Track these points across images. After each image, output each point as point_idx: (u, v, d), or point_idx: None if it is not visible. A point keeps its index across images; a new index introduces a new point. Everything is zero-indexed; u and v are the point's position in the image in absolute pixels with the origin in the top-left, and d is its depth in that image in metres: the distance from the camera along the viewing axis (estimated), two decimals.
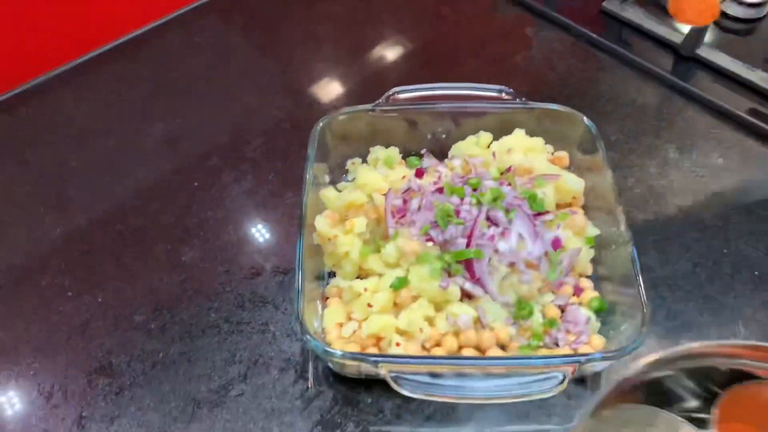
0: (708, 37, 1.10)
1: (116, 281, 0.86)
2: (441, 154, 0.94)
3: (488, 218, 0.79)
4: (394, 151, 0.92)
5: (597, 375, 0.77)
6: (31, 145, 1.02)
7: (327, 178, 0.91)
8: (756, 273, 0.85)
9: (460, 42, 1.18)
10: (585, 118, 0.87)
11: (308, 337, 0.68)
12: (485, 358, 0.73)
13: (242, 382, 0.77)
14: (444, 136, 0.95)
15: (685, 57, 1.11)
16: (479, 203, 0.79)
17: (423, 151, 0.95)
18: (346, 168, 0.94)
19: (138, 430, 0.73)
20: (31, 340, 0.81)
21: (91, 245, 0.90)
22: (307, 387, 0.76)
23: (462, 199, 0.80)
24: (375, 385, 0.76)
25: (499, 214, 0.78)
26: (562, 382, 0.65)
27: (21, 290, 0.85)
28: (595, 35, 1.16)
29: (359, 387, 0.76)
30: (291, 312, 0.83)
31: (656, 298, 0.83)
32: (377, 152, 0.93)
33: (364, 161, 0.94)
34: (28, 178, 0.98)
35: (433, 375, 0.67)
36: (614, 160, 0.98)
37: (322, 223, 0.80)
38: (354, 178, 0.90)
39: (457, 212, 0.78)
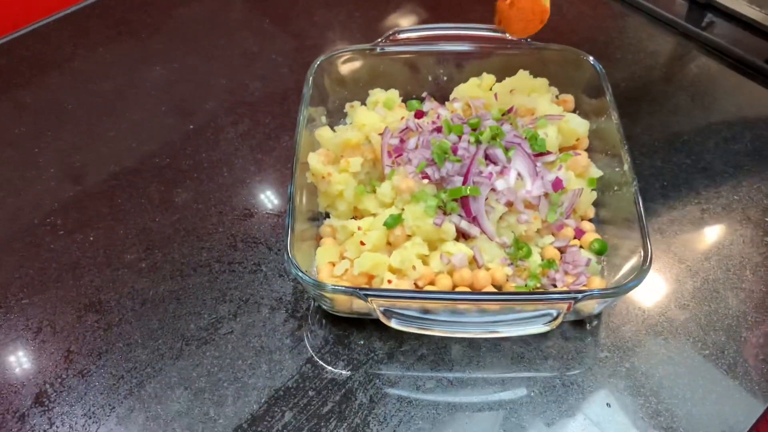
0: None
1: (108, 221, 0.85)
2: (442, 98, 0.92)
3: (487, 156, 0.76)
4: (393, 93, 0.90)
5: (596, 318, 0.75)
6: (29, 87, 1.01)
7: (324, 120, 0.89)
8: (766, 219, 0.82)
9: None
10: (591, 59, 0.84)
11: (296, 271, 0.66)
12: (475, 293, 0.71)
13: (232, 320, 0.75)
14: (445, 79, 0.92)
15: (701, 3, 1.07)
16: (478, 141, 0.77)
17: (424, 95, 0.92)
18: (345, 112, 0.92)
19: (125, 365, 0.72)
20: (21, 277, 0.80)
21: (84, 185, 0.88)
22: (299, 326, 0.75)
23: (460, 137, 0.78)
24: (367, 325, 0.74)
25: (498, 152, 0.75)
26: (555, 318, 0.63)
27: (13, 228, 0.84)
28: None
29: (351, 327, 0.75)
30: (284, 252, 0.81)
31: (660, 242, 0.81)
32: (377, 95, 0.90)
33: (364, 105, 0.92)
34: (25, 119, 0.97)
35: (425, 311, 0.65)
36: (622, 107, 0.94)
37: (315, 160, 0.78)
38: (352, 121, 0.88)
39: (455, 150, 0.76)
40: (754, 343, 0.72)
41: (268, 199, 0.87)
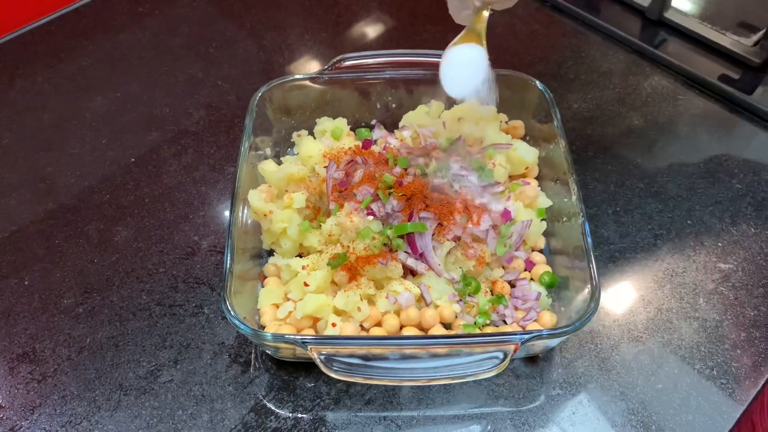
0: None
1: (45, 263, 0.81)
2: (393, 125, 0.90)
3: (433, 189, 0.74)
4: (341, 122, 0.87)
5: (550, 353, 0.73)
6: None
7: (269, 152, 0.86)
8: (719, 245, 0.81)
9: (419, 9, 1.12)
10: (538, 83, 0.82)
11: (235, 320, 0.64)
12: (417, 337, 0.68)
13: (172, 367, 0.72)
14: (394, 106, 0.90)
15: (653, 21, 1.06)
16: (424, 174, 0.75)
17: (373, 122, 0.90)
18: (293, 141, 0.89)
19: (59, 419, 0.69)
20: None
21: (19, 225, 0.85)
22: (242, 371, 0.72)
23: (406, 169, 0.75)
24: (314, 368, 0.72)
25: (445, 186, 0.73)
26: (503, 361, 0.61)
27: None
28: None
29: (298, 371, 0.72)
30: (222, 299, 0.78)
31: (614, 271, 0.79)
32: (324, 123, 0.88)
33: (312, 134, 0.89)
34: None
35: (365, 357, 0.63)
36: (575, 129, 0.94)
37: (256, 198, 0.75)
38: (299, 152, 0.85)
39: (400, 183, 0.74)
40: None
41: (212, 235, 0.84)
